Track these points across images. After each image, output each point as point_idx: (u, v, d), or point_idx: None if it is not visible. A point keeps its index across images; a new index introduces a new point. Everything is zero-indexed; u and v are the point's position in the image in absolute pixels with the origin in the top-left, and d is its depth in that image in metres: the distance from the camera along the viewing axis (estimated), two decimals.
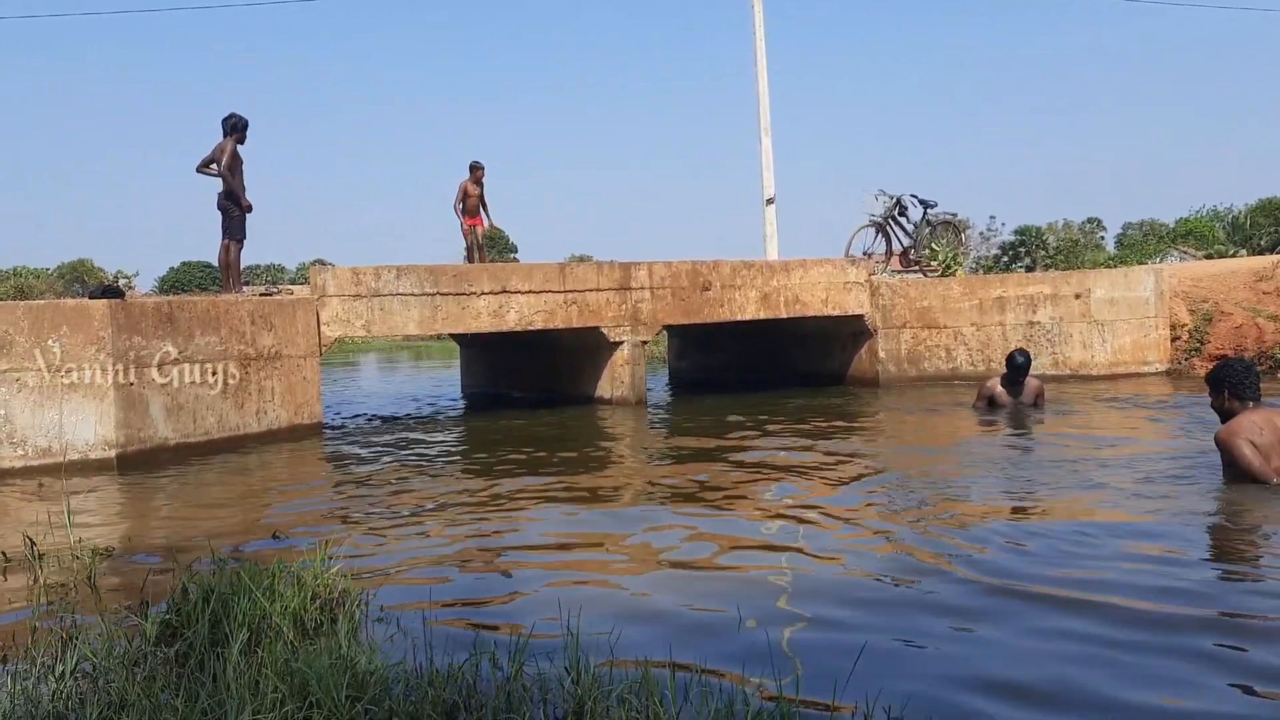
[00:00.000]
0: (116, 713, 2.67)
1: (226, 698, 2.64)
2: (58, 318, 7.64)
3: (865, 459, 7.26)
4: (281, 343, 9.19)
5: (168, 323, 8.17)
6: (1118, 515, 5.13)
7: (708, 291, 11.92)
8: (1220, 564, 4.33)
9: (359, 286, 9.99)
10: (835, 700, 2.72)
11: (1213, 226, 43.45)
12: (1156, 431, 8.26)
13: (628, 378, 11.36)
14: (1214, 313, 12.61)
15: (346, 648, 3.07)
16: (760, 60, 17.93)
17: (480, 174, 13.88)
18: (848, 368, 13.54)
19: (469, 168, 13.90)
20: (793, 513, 5.49)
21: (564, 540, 5.13)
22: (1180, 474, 5.89)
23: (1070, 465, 6.45)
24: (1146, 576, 4.00)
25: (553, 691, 2.82)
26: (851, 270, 13.08)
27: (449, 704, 2.72)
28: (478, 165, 13.89)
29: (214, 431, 8.46)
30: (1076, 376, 12.20)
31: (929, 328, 13.04)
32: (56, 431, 7.56)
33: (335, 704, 2.62)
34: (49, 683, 2.88)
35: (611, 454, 8.29)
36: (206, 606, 3.30)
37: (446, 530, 5.37)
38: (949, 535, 4.80)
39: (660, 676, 2.84)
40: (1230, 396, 5.30)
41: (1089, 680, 3.00)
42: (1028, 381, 9.20)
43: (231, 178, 10.22)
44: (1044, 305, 12.63)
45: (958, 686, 2.99)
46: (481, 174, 13.89)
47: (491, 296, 10.59)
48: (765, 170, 17.88)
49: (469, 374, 15.52)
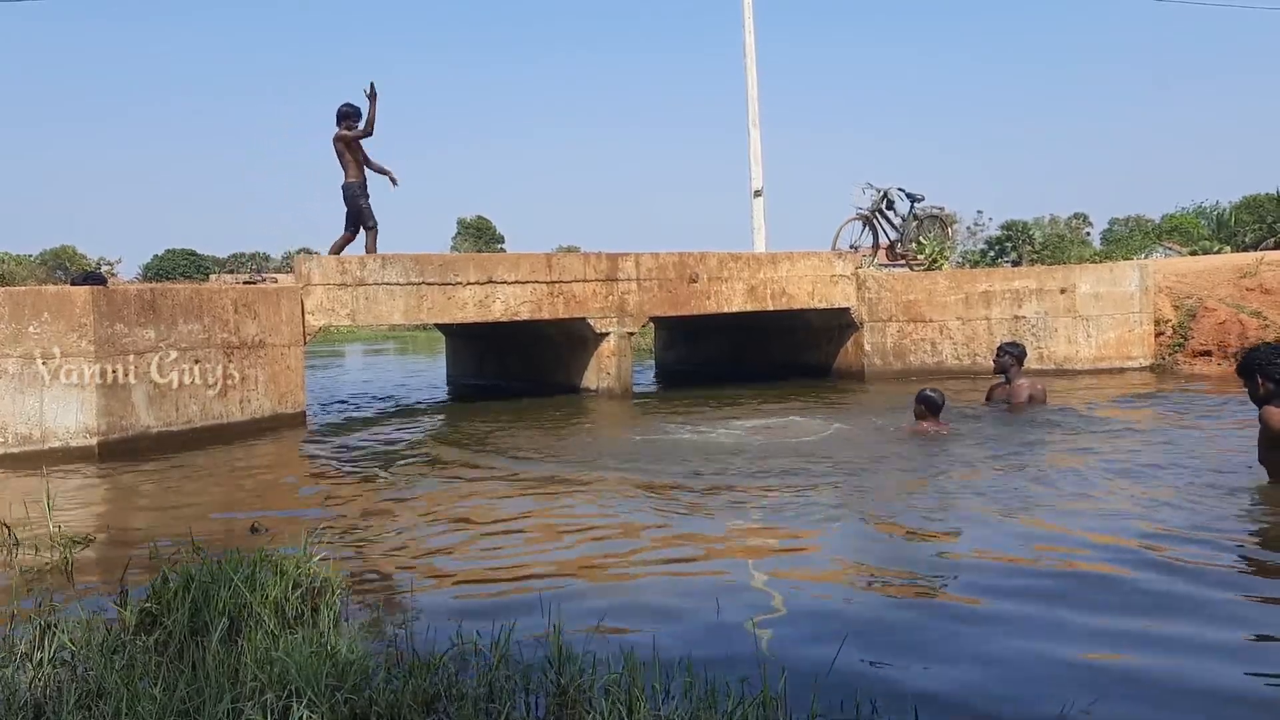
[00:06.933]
0: (95, 700, 2.65)
1: (206, 686, 2.63)
2: (39, 304, 7.57)
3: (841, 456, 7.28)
4: (265, 331, 9.13)
5: (150, 310, 8.11)
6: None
7: (695, 283, 11.92)
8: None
9: (344, 275, 9.94)
10: (816, 694, 2.72)
11: (1198, 223, 43.66)
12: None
13: (614, 369, 11.35)
14: (1198, 308, 12.68)
15: (327, 637, 3.05)
16: (749, 53, 17.92)
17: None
18: (833, 360, 13.57)
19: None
20: (778, 505, 5.50)
21: (546, 530, 5.12)
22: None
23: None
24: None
25: (535, 681, 2.82)
26: (838, 263, 13.11)
27: (430, 693, 2.71)
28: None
29: (196, 420, 8.41)
30: (1061, 371, 12.25)
31: (915, 321, 13.07)
32: (37, 419, 7.50)
33: (315, 693, 2.61)
34: (27, 670, 2.86)
35: (596, 444, 8.28)
36: (186, 594, 3.28)
37: (429, 519, 5.36)
38: (928, 532, 4.82)
39: (642, 667, 2.83)
40: (1264, 379, 5.17)
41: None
42: (1019, 383, 8.62)
43: (379, 164, 10.76)
44: (1029, 300, 12.67)
45: (941, 683, 3.00)
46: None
47: (477, 286, 10.56)
48: (754, 162, 17.87)
49: (454, 364, 15.48)
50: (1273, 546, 4.43)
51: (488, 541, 4.95)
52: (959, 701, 2.85)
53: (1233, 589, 3.82)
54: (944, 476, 6.09)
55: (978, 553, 4.41)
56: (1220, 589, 3.80)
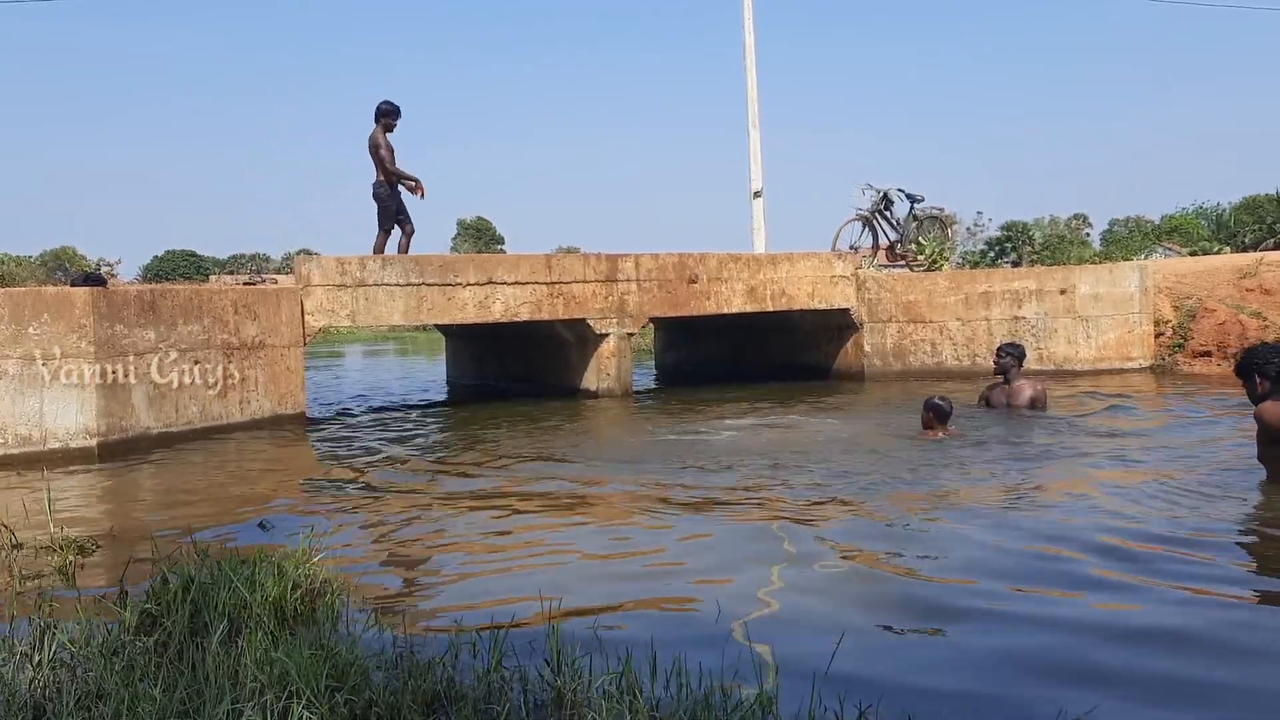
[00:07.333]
0: (94, 702, 2.66)
1: (205, 687, 2.63)
2: (39, 305, 7.58)
3: (841, 454, 7.28)
4: (265, 332, 9.14)
5: (150, 311, 8.11)
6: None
7: (694, 284, 11.93)
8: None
9: (344, 276, 9.95)
10: (813, 695, 2.72)
11: (1198, 223, 43.68)
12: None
13: (614, 369, 11.36)
14: (1198, 309, 12.67)
15: (327, 638, 3.06)
16: (749, 53, 17.93)
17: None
18: (833, 361, 13.56)
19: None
20: (776, 506, 5.50)
21: (546, 531, 5.13)
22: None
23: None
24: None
25: (533, 682, 2.82)
26: (838, 264, 13.11)
27: (429, 694, 2.72)
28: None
29: (196, 421, 8.41)
30: (1061, 372, 12.25)
31: (914, 322, 13.07)
32: (37, 420, 7.50)
33: (315, 694, 2.61)
34: (26, 671, 2.86)
35: (596, 446, 8.29)
36: (186, 595, 3.29)
37: (429, 520, 5.36)
38: (929, 533, 4.82)
39: (640, 668, 2.84)
40: (1262, 378, 5.18)
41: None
42: (1019, 384, 8.45)
43: (401, 169, 10.76)
44: (1029, 300, 12.67)
45: (939, 684, 3.01)
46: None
47: (477, 287, 10.56)
48: (753, 163, 17.88)
49: (454, 365, 15.49)
50: (1273, 547, 4.43)
51: (487, 542, 4.96)
52: (958, 702, 2.86)
53: (1235, 587, 3.82)
54: (947, 479, 6.08)
55: (979, 554, 4.41)
56: (1221, 590, 3.80)
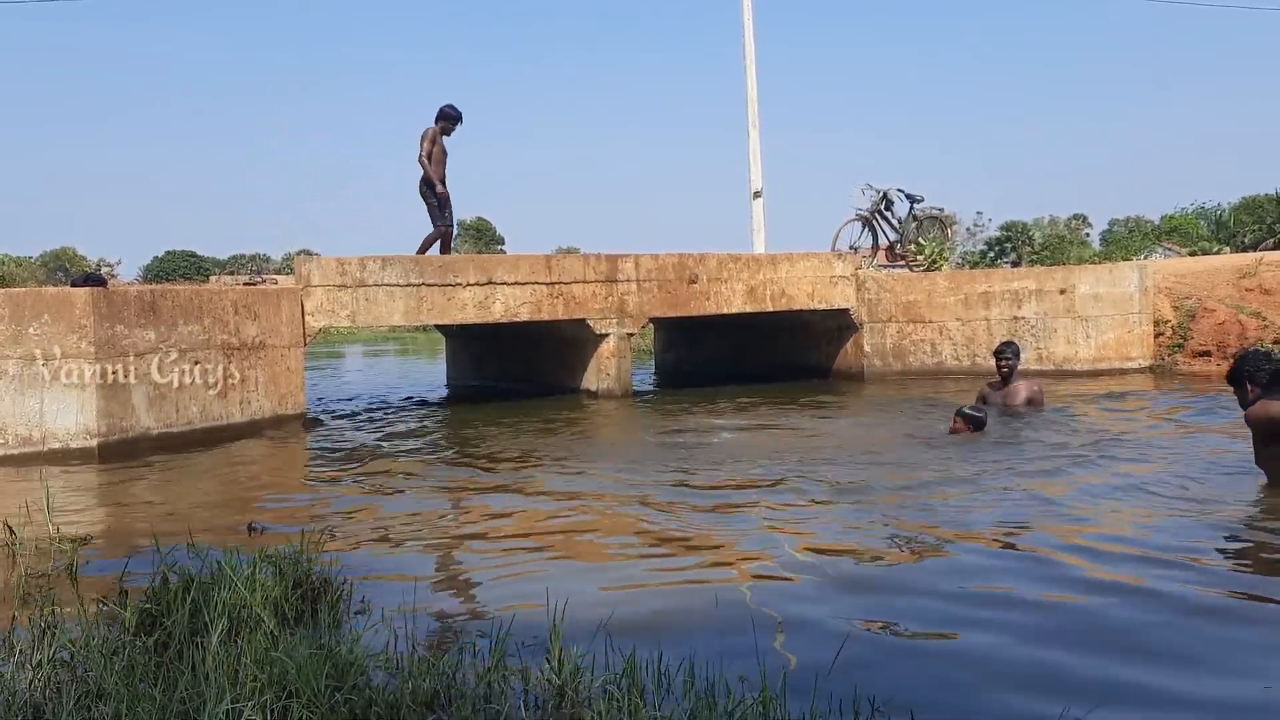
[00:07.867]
0: (94, 701, 2.66)
1: (205, 687, 2.63)
2: (39, 306, 7.58)
3: (840, 450, 7.28)
4: (265, 333, 9.14)
5: (150, 312, 8.11)
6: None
7: (694, 284, 11.93)
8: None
9: (344, 277, 9.95)
10: (815, 694, 2.72)
11: (1197, 224, 43.65)
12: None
13: (614, 370, 11.35)
14: (1198, 309, 12.67)
15: (327, 637, 3.05)
16: (749, 54, 17.92)
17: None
18: (833, 361, 13.56)
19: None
20: (776, 508, 5.50)
21: (547, 531, 5.12)
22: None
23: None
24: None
25: (534, 681, 2.82)
26: (838, 264, 13.10)
27: (429, 693, 2.72)
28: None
29: (197, 421, 8.41)
30: (1060, 372, 12.24)
31: (914, 322, 13.07)
32: (37, 420, 7.50)
33: (315, 694, 2.61)
34: (26, 671, 2.86)
35: (596, 446, 8.29)
36: (186, 595, 3.28)
37: (429, 520, 5.36)
38: (930, 533, 4.82)
39: (642, 667, 2.83)
40: (1253, 385, 5.18)
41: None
42: (1016, 384, 8.41)
43: (428, 164, 10.93)
44: (1029, 300, 12.67)
45: (940, 682, 3.01)
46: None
47: (477, 288, 10.56)
48: (753, 164, 17.87)
49: (454, 365, 15.48)
50: (1274, 549, 4.43)
51: (487, 542, 4.96)
52: (958, 703, 2.86)
53: (1236, 585, 3.82)
54: (949, 480, 6.07)
55: (979, 555, 4.41)
56: (1222, 589, 3.80)
